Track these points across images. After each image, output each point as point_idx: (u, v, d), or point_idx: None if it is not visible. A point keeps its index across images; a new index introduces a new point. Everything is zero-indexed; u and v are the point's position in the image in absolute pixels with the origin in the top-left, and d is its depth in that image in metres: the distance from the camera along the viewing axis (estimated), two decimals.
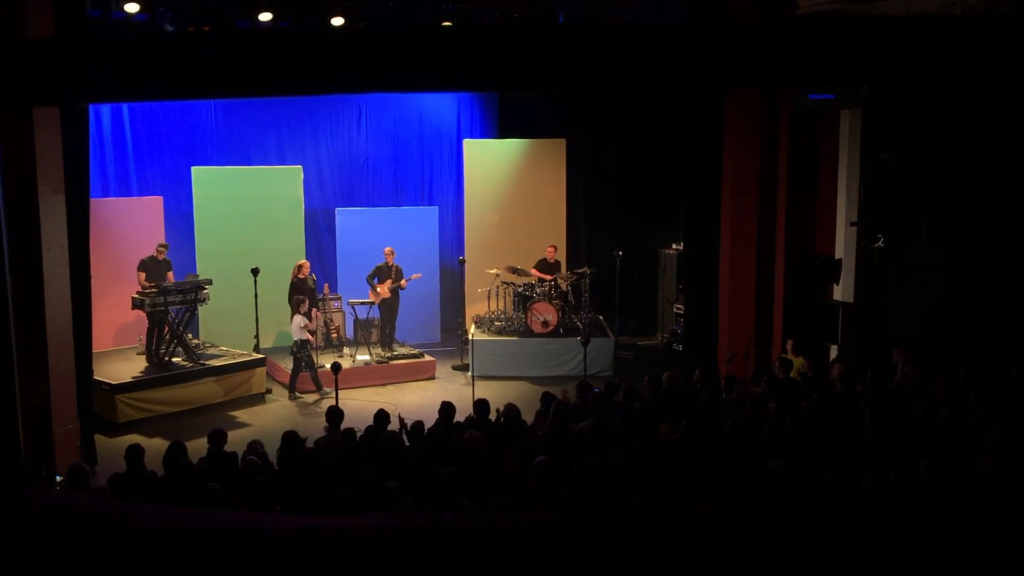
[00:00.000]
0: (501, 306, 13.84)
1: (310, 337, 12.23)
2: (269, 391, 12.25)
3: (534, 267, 13.75)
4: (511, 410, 8.06)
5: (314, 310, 12.49)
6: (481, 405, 8.10)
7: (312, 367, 12.17)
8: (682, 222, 12.75)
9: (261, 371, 12.15)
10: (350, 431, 7.61)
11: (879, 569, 3.90)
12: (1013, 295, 9.93)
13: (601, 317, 14.08)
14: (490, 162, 14.75)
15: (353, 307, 13.19)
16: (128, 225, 12.76)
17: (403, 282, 13.14)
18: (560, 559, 3.00)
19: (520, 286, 13.48)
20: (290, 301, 12.68)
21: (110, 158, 13.28)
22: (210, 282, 11.98)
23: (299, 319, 12.09)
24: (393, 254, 13.22)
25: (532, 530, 3.21)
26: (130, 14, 9.99)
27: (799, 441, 6.87)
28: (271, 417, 11.44)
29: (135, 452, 7.01)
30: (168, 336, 11.76)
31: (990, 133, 9.82)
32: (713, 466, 6.17)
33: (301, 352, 12.10)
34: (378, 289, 13.08)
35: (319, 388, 12.18)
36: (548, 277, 13.51)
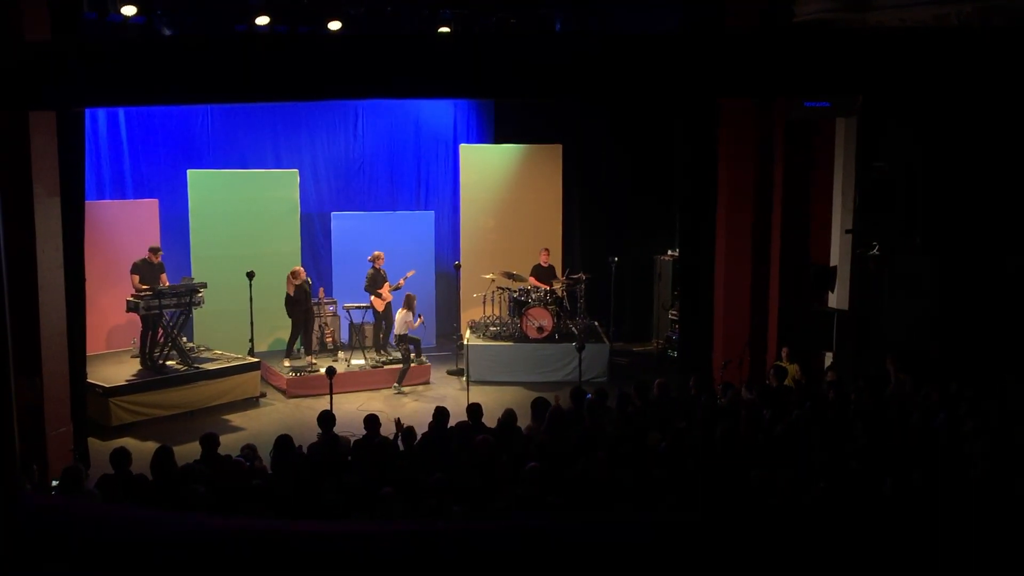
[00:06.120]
0: (496, 311, 13.85)
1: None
2: (263, 395, 12.24)
3: (530, 275, 13.78)
4: (507, 416, 8.07)
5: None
6: (474, 410, 8.10)
7: (407, 361, 12.57)
8: (678, 228, 12.78)
9: (255, 375, 12.15)
10: (336, 437, 7.62)
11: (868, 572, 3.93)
12: (1005, 303, 9.97)
13: (596, 323, 14.09)
14: (486, 167, 14.76)
15: (348, 311, 13.19)
16: (123, 228, 12.74)
17: (400, 281, 13.11)
18: (548, 565, 3.01)
19: (516, 291, 13.49)
20: (296, 310, 12.70)
21: (106, 160, 13.29)
22: (205, 285, 11.97)
23: (403, 313, 12.47)
24: (382, 258, 13.20)
25: (520, 536, 3.23)
26: (127, 17, 9.97)
27: (790, 448, 6.88)
28: (265, 421, 11.42)
29: (121, 455, 6.98)
30: (162, 339, 11.75)
31: (984, 142, 9.87)
32: (701, 473, 6.18)
33: (401, 345, 12.49)
34: (382, 293, 13.07)
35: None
36: (545, 286, 13.53)
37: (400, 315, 12.63)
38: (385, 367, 12.86)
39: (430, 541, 3.94)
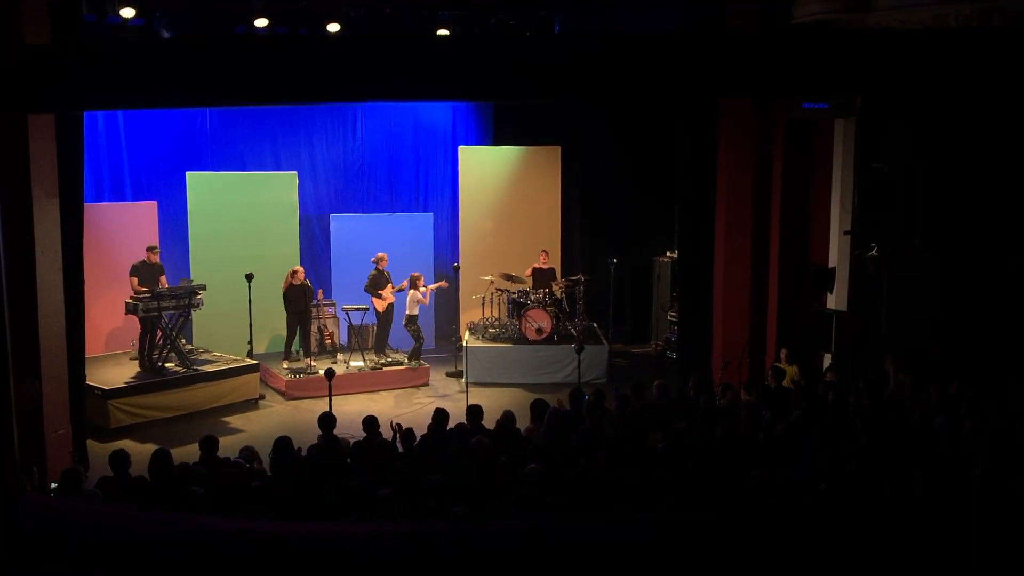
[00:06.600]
0: (495, 313, 13.85)
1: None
2: (262, 396, 12.22)
3: (529, 275, 13.83)
4: (506, 417, 8.06)
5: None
6: (474, 412, 8.09)
7: (418, 340, 12.99)
8: (677, 229, 12.78)
9: (254, 377, 12.14)
10: (336, 439, 7.60)
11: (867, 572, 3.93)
12: (1005, 303, 9.97)
13: (595, 324, 14.08)
14: (485, 169, 14.77)
15: (347, 313, 13.18)
16: (122, 230, 12.73)
17: (404, 283, 13.08)
18: (548, 565, 3.01)
19: (515, 293, 13.49)
20: (288, 309, 12.72)
21: (104, 162, 13.28)
22: (204, 287, 11.96)
23: (412, 294, 12.83)
24: (386, 260, 13.19)
25: (520, 536, 3.23)
26: (126, 19, 9.96)
27: (788, 449, 6.88)
28: (264, 423, 11.41)
29: (120, 457, 6.97)
30: (161, 341, 11.74)
31: (982, 142, 9.87)
32: (701, 474, 6.18)
33: (409, 327, 12.89)
34: (383, 295, 13.06)
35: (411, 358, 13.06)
36: (543, 266, 13.59)
37: (410, 296, 12.82)
38: (385, 369, 12.86)
39: (430, 541, 3.94)
